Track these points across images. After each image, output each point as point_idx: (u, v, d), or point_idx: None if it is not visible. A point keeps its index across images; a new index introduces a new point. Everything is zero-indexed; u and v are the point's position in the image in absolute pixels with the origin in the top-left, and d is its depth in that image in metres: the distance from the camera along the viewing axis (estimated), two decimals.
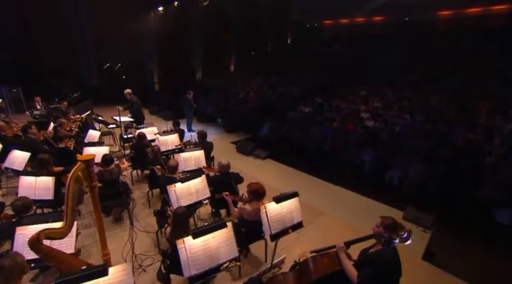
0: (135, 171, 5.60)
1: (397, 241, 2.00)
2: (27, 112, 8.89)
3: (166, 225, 2.72)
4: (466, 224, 4.49)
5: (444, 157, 6.51)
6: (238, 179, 3.86)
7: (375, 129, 8.37)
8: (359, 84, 13.47)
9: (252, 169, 6.33)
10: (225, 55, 20.27)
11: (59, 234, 2.06)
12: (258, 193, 2.93)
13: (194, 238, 2.04)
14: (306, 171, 6.43)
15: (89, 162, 2.46)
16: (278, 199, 2.63)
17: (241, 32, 19.68)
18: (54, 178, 3.43)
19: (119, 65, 5.47)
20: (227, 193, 3.28)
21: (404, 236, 1.99)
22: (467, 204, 4.85)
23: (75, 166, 2.42)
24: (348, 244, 2.20)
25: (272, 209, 2.68)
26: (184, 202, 3.27)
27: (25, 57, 11.52)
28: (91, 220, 4.17)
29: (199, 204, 3.43)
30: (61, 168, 3.88)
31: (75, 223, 2.50)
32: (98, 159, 4.06)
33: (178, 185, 3.23)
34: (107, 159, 3.88)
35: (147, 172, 5.43)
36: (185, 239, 2.05)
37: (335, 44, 21.33)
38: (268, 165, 6.81)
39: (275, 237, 2.66)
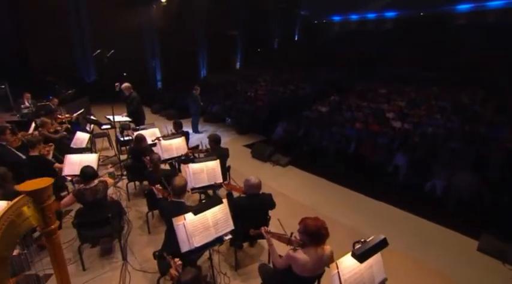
0: (132, 183, 4.57)
1: None
2: (15, 111, 7.86)
3: None
4: None
5: (496, 163, 5.56)
6: (271, 204, 2.80)
7: (404, 130, 7.39)
8: (375, 81, 12.55)
9: (272, 179, 5.28)
10: (230, 51, 19.33)
11: None
12: (318, 236, 1.87)
13: None
14: (335, 181, 5.38)
15: (40, 194, 1.42)
16: (361, 256, 1.56)
17: (247, 27, 18.72)
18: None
19: (112, 51, 4.46)
20: (266, 228, 2.24)
21: None
22: None
23: (15, 200, 1.41)
24: None
25: (347, 268, 1.62)
26: (199, 241, 2.23)
27: (14, 50, 10.51)
28: (70, 252, 3.14)
29: (218, 241, 2.38)
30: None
31: None
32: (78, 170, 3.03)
33: (190, 217, 2.18)
34: (86, 173, 2.82)
35: (146, 183, 4.41)
36: None
37: (345, 41, 20.33)
38: (291, 174, 5.75)
39: None
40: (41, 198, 1.42)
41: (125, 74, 10.09)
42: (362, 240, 1.66)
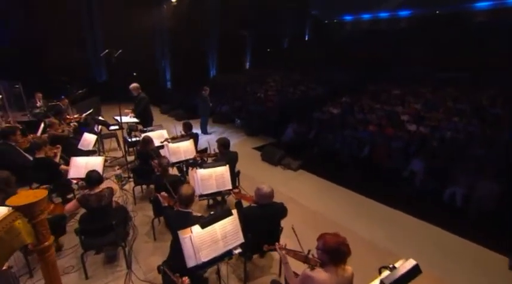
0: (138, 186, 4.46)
1: None
2: (27, 111, 7.95)
3: None
4: None
5: None
6: (283, 213, 2.62)
7: (420, 134, 7.07)
8: (388, 82, 12.16)
9: (283, 184, 5.08)
10: (240, 51, 19.19)
11: None
12: (338, 254, 1.67)
13: None
14: (348, 187, 5.14)
15: (31, 208, 1.28)
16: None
17: (256, 27, 18.55)
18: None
19: (120, 51, 4.37)
20: (281, 245, 2.06)
21: None
22: None
23: (4, 215, 1.27)
24: None
25: None
26: (206, 255, 2.06)
27: (28, 50, 10.67)
28: (74, 259, 3.04)
29: (227, 255, 2.21)
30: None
31: None
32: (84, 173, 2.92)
33: (197, 230, 2.02)
34: (92, 178, 2.71)
35: (153, 186, 4.28)
36: None
37: (357, 40, 19.88)
38: (302, 178, 5.53)
39: None
40: (33, 213, 1.28)
41: (134, 74, 10.11)
42: (390, 266, 1.45)
